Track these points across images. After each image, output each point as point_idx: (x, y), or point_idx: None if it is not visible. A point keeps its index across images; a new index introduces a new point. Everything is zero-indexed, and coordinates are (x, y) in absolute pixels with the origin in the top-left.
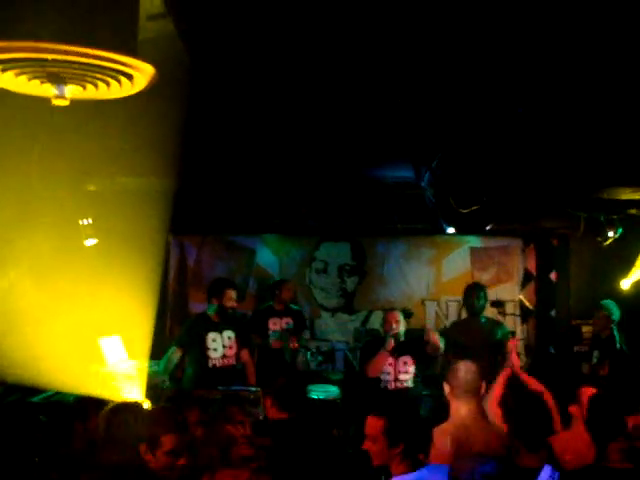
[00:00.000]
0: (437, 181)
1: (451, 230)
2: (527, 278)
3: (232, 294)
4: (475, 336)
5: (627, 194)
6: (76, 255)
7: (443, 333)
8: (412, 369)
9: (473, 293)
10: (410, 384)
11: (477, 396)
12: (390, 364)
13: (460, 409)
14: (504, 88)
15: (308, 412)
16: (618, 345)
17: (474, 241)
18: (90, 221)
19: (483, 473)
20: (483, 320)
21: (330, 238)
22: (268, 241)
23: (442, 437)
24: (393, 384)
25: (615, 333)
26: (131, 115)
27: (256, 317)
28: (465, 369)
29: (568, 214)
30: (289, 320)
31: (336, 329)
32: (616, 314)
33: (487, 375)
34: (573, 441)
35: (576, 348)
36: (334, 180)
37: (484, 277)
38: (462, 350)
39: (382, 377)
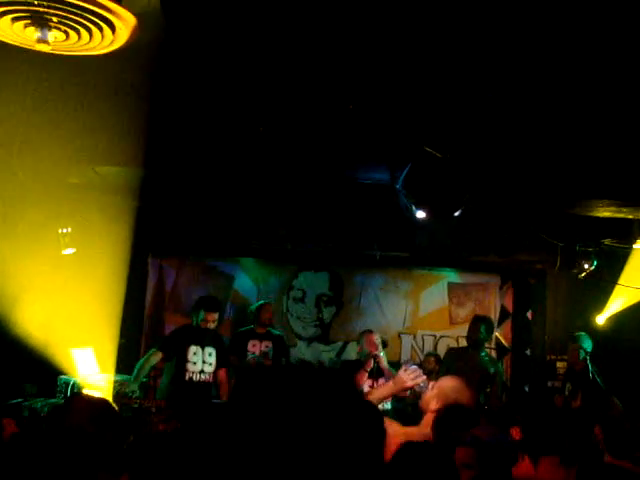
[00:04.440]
0: (411, 181)
1: (421, 214)
2: (504, 315)
3: (214, 316)
4: (470, 366)
5: (601, 209)
6: (53, 262)
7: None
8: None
9: (474, 325)
10: (388, 407)
11: None
12: (370, 386)
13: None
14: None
15: None
16: (591, 376)
17: (452, 276)
18: (69, 230)
19: None
20: (483, 354)
21: (309, 267)
22: (247, 267)
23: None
24: None
25: (588, 364)
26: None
27: (236, 339)
28: None
29: (544, 244)
30: (269, 344)
31: (311, 358)
32: (589, 346)
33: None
34: None
35: (550, 383)
36: (311, 188)
37: (461, 313)
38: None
39: None
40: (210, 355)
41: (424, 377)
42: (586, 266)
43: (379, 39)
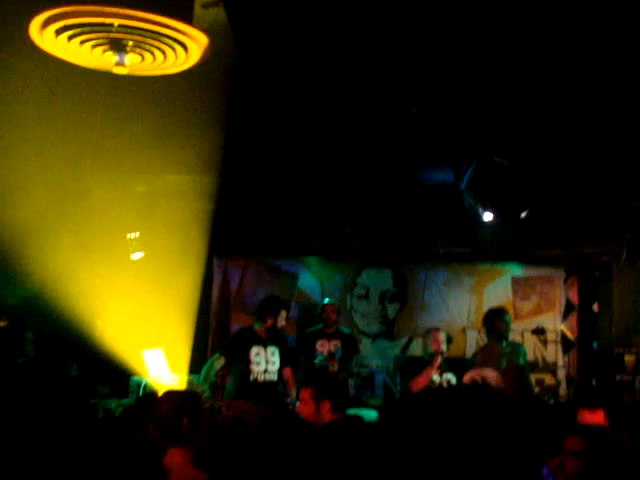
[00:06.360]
0: (476, 182)
1: (488, 216)
2: (569, 309)
3: (284, 314)
4: (499, 361)
5: None
6: (123, 267)
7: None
8: None
9: (496, 317)
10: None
11: None
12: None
13: None
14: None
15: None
16: None
17: (516, 270)
18: (137, 234)
19: None
20: (504, 344)
21: (372, 264)
22: (311, 265)
23: None
24: None
25: None
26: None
27: (304, 339)
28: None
29: (610, 236)
30: (337, 343)
31: (376, 355)
32: None
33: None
34: None
35: (618, 377)
36: (374, 188)
37: (525, 307)
38: None
39: None
40: (273, 354)
41: None
42: None
43: (443, 45)
